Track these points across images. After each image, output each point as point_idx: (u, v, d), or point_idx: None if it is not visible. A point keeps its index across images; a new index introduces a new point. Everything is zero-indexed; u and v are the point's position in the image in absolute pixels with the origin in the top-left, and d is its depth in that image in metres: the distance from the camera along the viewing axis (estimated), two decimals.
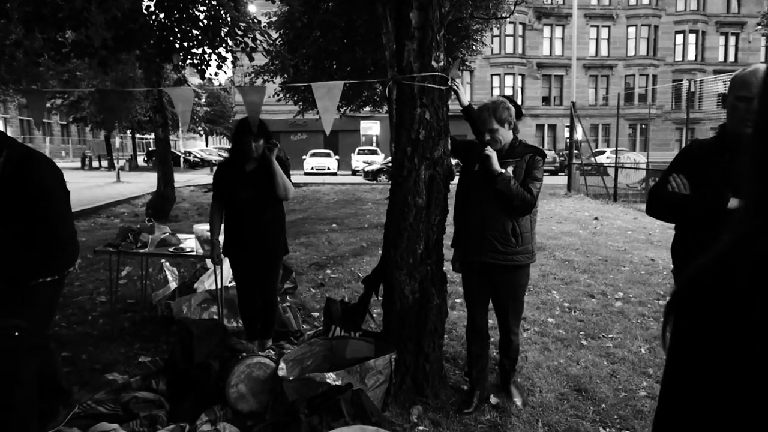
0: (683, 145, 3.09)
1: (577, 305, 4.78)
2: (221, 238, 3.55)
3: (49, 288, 2.60)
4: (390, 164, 21.33)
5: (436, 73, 2.89)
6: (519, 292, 2.99)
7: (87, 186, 17.15)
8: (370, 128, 32.68)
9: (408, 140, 2.93)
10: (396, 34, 3.06)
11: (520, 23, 33.19)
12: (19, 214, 2.42)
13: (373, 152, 29.00)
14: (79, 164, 30.21)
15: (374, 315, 3.84)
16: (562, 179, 18.81)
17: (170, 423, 2.83)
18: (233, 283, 4.04)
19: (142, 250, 4.06)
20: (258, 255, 3.48)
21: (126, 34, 7.36)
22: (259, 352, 3.29)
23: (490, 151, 2.78)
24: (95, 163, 30.36)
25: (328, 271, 6.15)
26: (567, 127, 27.96)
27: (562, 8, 33.07)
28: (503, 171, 2.74)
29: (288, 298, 4.82)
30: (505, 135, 2.87)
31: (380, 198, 14.78)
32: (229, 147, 3.59)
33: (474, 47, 15.13)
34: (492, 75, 33.50)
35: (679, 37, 34.88)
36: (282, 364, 2.88)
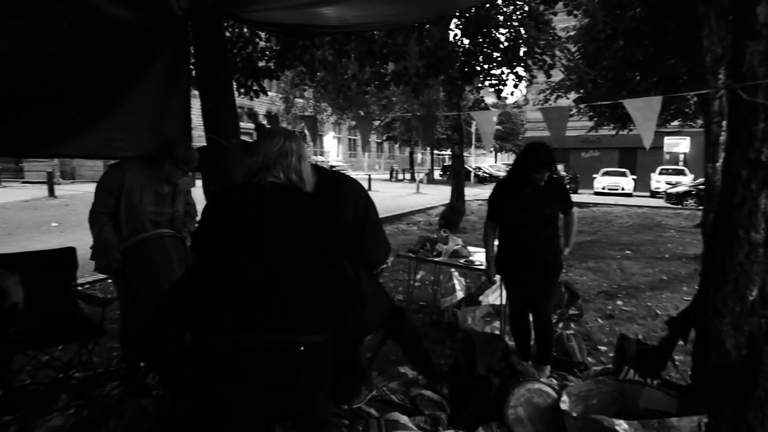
0: None
1: None
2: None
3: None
4: (700, 186, 18.25)
5: None
6: None
7: (392, 195, 19.70)
8: (677, 145, 28.62)
9: (744, 161, 2.41)
10: (734, 35, 2.57)
11: None
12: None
13: (679, 172, 25.35)
14: (388, 176, 35.08)
15: (677, 363, 3.30)
16: None
17: (450, 427, 2.97)
18: None
19: (436, 259, 4.40)
20: (532, 275, 3.40)
21: (435, 61, 8.16)
22: (541, 379, 3.17)
23: None
24: (400, 176, 34.77)
25: (619, 302, 5.59)
26: None
27: None
28: None
29: (572, 325, 4.56)
30: None
31: (687, 225, 12.79)
32: (511, 168, 3.55)
33: None
34: None
35: None
36: (564, 397, 2.72)
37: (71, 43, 2.80)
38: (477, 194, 21.47)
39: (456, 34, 9.40)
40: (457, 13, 8.55)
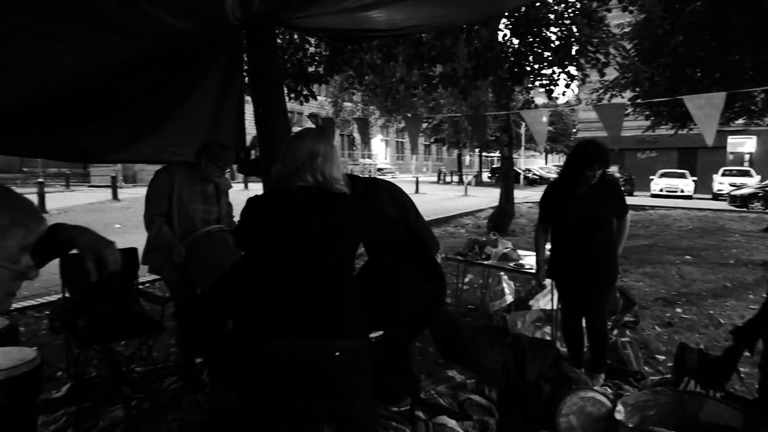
0: None
1: None
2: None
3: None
4: None
5: None
6: None
7: (440, 198, 19.61)
8: (742, 144, 27.06)
9: None
10: None
11: None
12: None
13: (744, 173, 23.99)
14: (435, 178, 34.95)
15: (743, 375, 3.12)
16: None
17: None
18: None
19: (485, 262, 4.35)
20: (585, 279, 3.29)
21: (484, 62, 8.07)
22: (594, 387, 3.08)
23: None
24: (448, 178, 34.56)
25: (678, 310, 5.34)
26: None
27: None
28: None
29: (627, 332, 4.39)
30: None
31: (753, 229, 12.10)
32: (562, 168, 3.46)
33: None
34: None
35: None
36: (620, 407, 2.63)
37: (133, 54, 2.96)
38: (527, 196, 21.06)
39: (505, 35, 9.27)
40: (507, 13, 8.43)
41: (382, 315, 2.44)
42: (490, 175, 38.25)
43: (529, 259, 4.34)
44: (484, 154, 40.44)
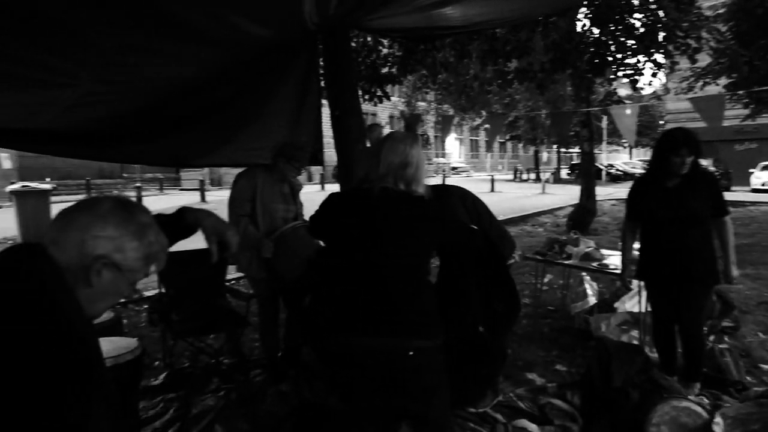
0: None
1: None
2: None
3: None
4: None
5: None
6: None
7: (516, 196, 19.14)
8: None
9: None
10: None
11: None
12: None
13: None
14: (511, 176, 34.14)
15: None
16: None
17: None
18: None
19: (566, 261, 4.19)
20: (678, 279, 3.06)
21: (562, 55, 7.78)
22: (689, 397, 2.88)
23: None
24: (524, 176, 33.63)
25: None
26: None
27: None
28: None
29: (726, 338, 4.07)
30: None
31: None
32: (650, 160, 3.24)
33: None
34: None
35: None
36: (718, 419, 2.44)
37: (216, 63, 3.14)
38: (610, 194, 20.04)
39: (584, 24, 8.86)
40: (586, 2, 8.06)
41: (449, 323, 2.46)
42: (569, 171, 36.79)
43: (613, 259, 4.13)
44: (562, 150, 38.95)
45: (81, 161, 20.28)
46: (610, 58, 8.63)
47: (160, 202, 16.46)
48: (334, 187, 3.75)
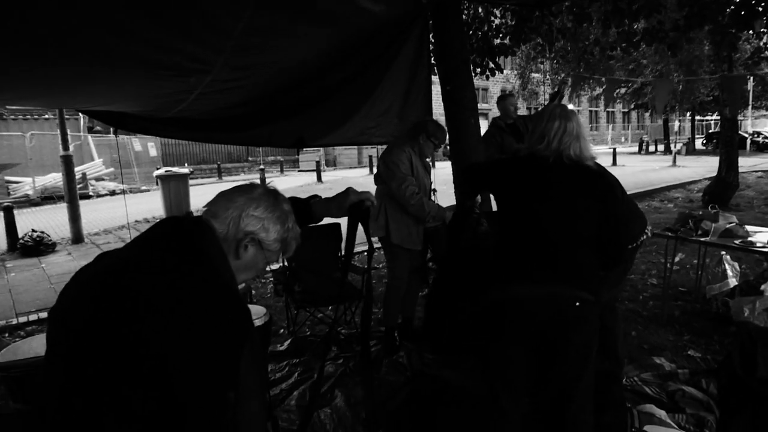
0: None
1: None
2: None
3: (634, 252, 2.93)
4: None
5: None
6: None
7: (642, 170, 17.65)
8: None
9: None
10: None
11: None
12: None
13: None
14: (636, 149, 31.46)
15: None
16: None
17: (719, 431, 2.58)
18: None
19: (702, 239, 3.81)
20: None
21: (699, 9, 6.93)
22: None
23: None
24: (651, 148, 30.82)
25: None
26: None
27: None
28: None
29: None
30: None
31: None
32: None
33: None
34: None
35: None
36: None
37: (334, 43, 3.20)
38: (755, 165, 17.75)
39: None
40: None
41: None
42: (704, 141, 33.05)
43: (760, 236, 3.67)
44: (697, 117, 35.05)
45: (213, 147, 22.17)
46: (761, 8, 7.52)
47: (281, 183, 17.54)
48: (446, 164, 3.74)
